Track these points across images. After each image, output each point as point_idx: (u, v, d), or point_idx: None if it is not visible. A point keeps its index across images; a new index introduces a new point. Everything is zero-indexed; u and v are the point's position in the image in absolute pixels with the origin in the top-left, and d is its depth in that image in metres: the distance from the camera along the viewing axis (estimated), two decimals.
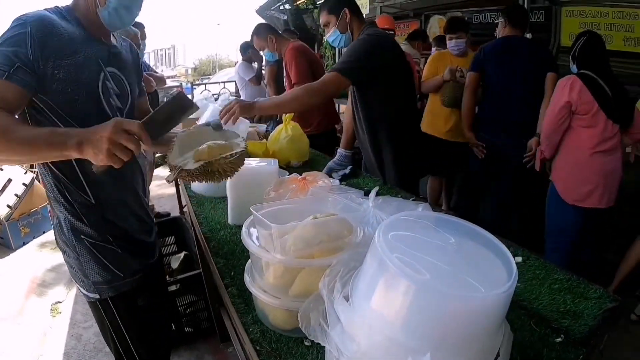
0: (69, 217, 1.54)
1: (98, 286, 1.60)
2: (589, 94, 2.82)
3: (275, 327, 1.20)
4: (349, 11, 2.60)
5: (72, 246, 1.56)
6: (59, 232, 1.59)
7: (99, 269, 1.58)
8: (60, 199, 1.53)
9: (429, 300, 0.74)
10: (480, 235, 0.92)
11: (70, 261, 1.61)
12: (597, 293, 1.38)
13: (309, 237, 1.08)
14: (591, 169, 2.91)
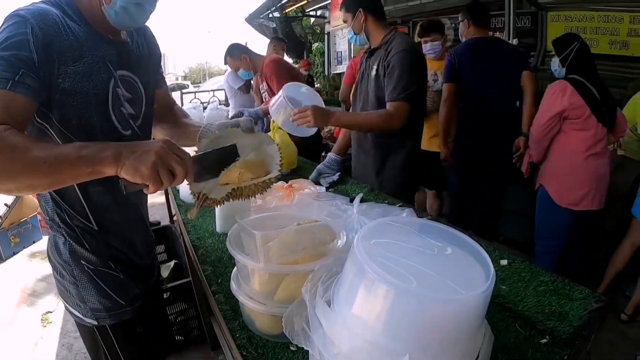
0: (70, 240, 1.39)
1: (96, 313, 1.44)
2: (580, 99, 2.82)
3: (261, 332, 1.21)
4: (364, 12, 2.54)
5: (70, 270, 1.41)
6: (55, 253, 1.43)
7: (99, 296, 1.43)
8: (59, 224, 1.38)
9: (408, 303, 0.76)
10: (461, 240, 0.93)
11: (64, 283, 1.45)
12: (582, 294, 1.40)
13: (292, 244, 1.09)
14: (585, 172, 2.92)
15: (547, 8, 5.52)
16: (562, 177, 3.00)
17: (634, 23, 4.89)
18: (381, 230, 0.93)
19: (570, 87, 2.84)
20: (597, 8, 5.13)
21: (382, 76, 2.46)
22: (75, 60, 1.21)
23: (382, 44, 2.53)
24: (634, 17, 4.86)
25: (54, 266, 1.47)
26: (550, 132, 2.96)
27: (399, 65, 2.35)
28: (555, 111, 2.87)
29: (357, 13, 2.55)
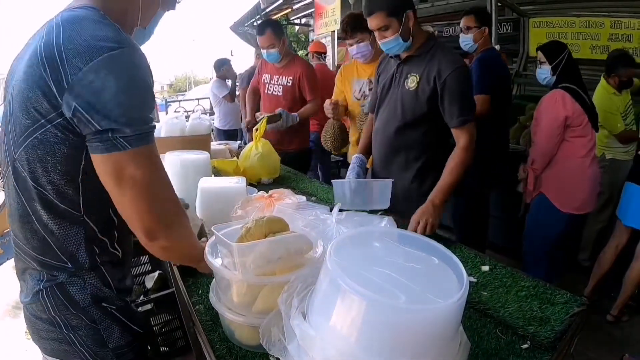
0: (93, 283, 1.20)
1: (118, 351, 1.28)
2: (579, 107, 2.82)
3: (241, 343, 1.20)
4: (412, 14, 2.19)
5: (89, 318, 1.21)
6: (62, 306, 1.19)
7: (122, 332, 1.28)
8: (84, 266, 1.18)
9: (379, 313, 0.76)
10: (437, 250, 0.94)
11: (70, 337, 1.22)
12: (564, 298, 1.41)
13: (268, 254, 1.08)
14: (585, 176, 2.93)
15: (528, 14, 5.60)
16: (565, 183, 2.96)
17: (615, 28, 4.98)
18: (356, 240, 0.94)
19: (568, 95, 2.83)
20: (578, 14, 5.21)
21: (426, 91, 2.20)
22: None
23: (421, 52, 2.25)
24: (615, 22, 4.94)
25: (50, 322, 1.21)
26: (558, 140, 2.90)
27: (459, 87, 2.13)
28: (561, 119, 2.83)
29: (404, 16, 2.15)
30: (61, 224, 1.11)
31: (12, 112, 1.04)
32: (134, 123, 0.98)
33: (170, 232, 1.11)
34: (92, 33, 0.97)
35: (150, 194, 1.04)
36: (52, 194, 1.06)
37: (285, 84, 3.85)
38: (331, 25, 5.19)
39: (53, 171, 1.04)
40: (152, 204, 1.05)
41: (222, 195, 1.98)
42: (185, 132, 2.99)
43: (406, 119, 2.31)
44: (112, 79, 0.94)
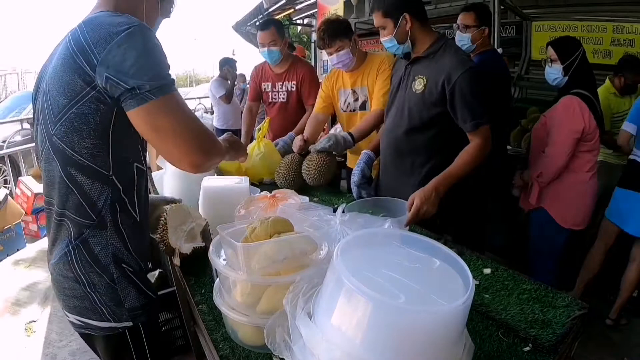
0: (113, 242, 1.36)
1: (133, 312, 1.41)
2: (593, 119, 2.65)
3: (244, 343, 1.21)
4: (410, 17, 2.15)
5: (109, 276, 1.36)
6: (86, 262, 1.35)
7: (137, 293, 1.41)
8: (108, 224, 1.34)
9: (386, 315, 0.76)
10: (441, 251, 0.94)
11: (92, 296, 1.37)
12: (565, 301, 1.41)
13: (273, 254, 1.09)
14: (587, 193, 2.86)
15: (531, 18, 5.60)
16: (568, 199, 2.84)
17: (617, 32, 4.98)
18: (362, 242, 0.94)
19: (585, 106, 2.64)
20: (581, 18, 5.21)
21: (434, 94, 2.16)
22: None
23: (429, 53, 2.21)
24: (617, 27, 4.95)
25: (75, 279, 1.37)
26: (571, 154, 2.72)
27: (470, 90, 2.08)
28: (579, 131, 2.65)
29: (400, 19, 2.15)
30: (92, 184, 1.29)
31: (49, 98, 1.25)
32: (154, 79, 1.18)
33: (210, 156, 1.32)
34: (109, 22, 1.20)
35: (185, 133, 1.24)
36: (86, 157, 1.26)
37: (290, 89, 3.73)
38: None
39: (87, 137, 1.24)
40: (189, 142, 1.24)
41: (225, 195, 1.98)
42: None
43: (412, 122, 2.28)
44: (132, 48, 1.16)
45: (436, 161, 2.26)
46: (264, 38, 3.55)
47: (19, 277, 4.41)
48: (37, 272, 4.41)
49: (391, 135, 2.41)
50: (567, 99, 2.71)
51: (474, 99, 2.09)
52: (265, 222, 1.22)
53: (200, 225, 1.76)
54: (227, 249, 1.17)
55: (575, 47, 2.75)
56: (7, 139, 6.45)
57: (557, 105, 2.78)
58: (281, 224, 1.25)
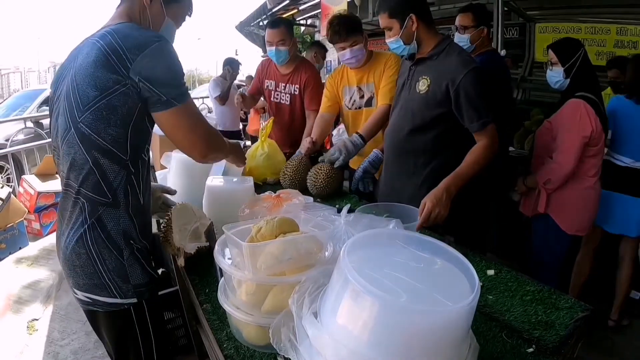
0: (124, 220, 1.55)
1: (138, 289, 1.58)
2: (600, 124, 2.58)
3: (248, 343, 1.21)
4: (416, 18, 2.15)
5: (118, 252, 1.53)
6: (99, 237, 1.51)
7: (142, 271, 1.59)
8: (120, 203, 1.53)
9: (392, 315, 0.76)
10: (446, 252, 0.95)
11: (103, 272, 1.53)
12: (568, 303, 1.41)
13: (278, 254, 1.09)
14: (592, 198, 2.80)
15: (535, 20, 5.60)
16: (573, 206, 2.76)
17: (621, 34, 4.97)
18: (368, 242, 0.94)
19: (591, 109, 2.56)
20: (585, 19, 5.21)
21: (437, 95, 2.17)
22: None
23: (433, 54, 2.23)
24: (621, 29, 4.94)
25: (88, 256, 1.52)
26: (579, 158, 2.63)
27: (474, 91, 2.09)
28: (588, 135, 2.56)
29: (406, 19, 2.16)
30: (111, 166, 1.49)
31: (77, 90, 1.42)
32: (177, 87, 1.48)
33: (214, 150, 1.67)
34: (139, 34, 1.44)
35: (197, 131, 1.55)
36: (109, 142, 1.45)
37: (293, 92, 3.64)
38: None
39: (114, 125, 1.44)
40: (200, 138, 1.56)
41: (229, 195, 1.99)
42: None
43: (416, 122, 2.28)
44: (160, 60, 1.43)
45: (438, 162, 2.28)
46: (272, 36, 3.43)
47: (22, 276, 4.41)
48: (39, 271, 4.40)
49: (394, 135, 2.42)
50: (573, 102, 2.63)
51: (479, 98, 2.09)
52: (271, 222, 1.22)
53: (204, 225, 1.77)
54: (233, 249, 1.17)
55: (576, 48, 2.69)
56: (10, 138, 6.45)
57: (562, 109, 2.70)
58: (287, 224, 1.25)
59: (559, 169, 2.67)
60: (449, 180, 2.03)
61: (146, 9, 1.62)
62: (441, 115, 2.20)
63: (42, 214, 5.35)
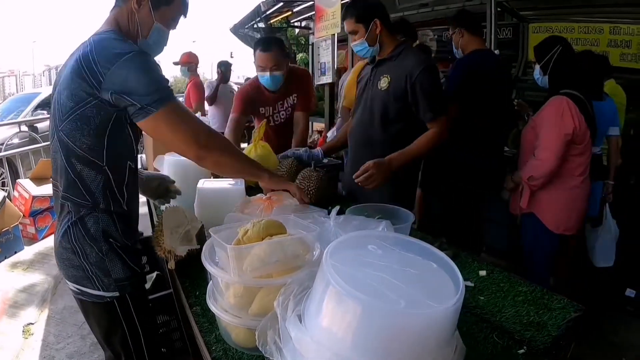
0: (104, 221, 1.60)
1: (119, 283, 1.63)
2: (584, 121, 2.60)
3: (237, 345, 1.20)
4: (379, 22, 2.42)
5: (98, 247, 1.59)
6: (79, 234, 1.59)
7: (123, 266, 1.62)
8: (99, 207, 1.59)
9: (375, 317, 0.76)
10: (432, 254, 0.95)
11: (85, 265, 1.60)
12: (560, 303, 1.41)
13: (264, 257, 1.09)
14: (579, 198, 2.80)
15: (528, 20, 5.61)
16: (559, 205, 2.79)
17: (614, 34, 4.98)
18: (352, 244, 0.94)
19: (574, 106, 2.60)
20: (578, 19, 5.22)
21: (397, 90, 2.40)
22: None
23: (392, 56, 2.48)
24: (614, 28, 4.96)
25: (72, 251, 1.60)
26: (563, 157, 2.65)
27: (429, 83, 2.34)
28: (570, 133, 2.58)
29: (371, 24, 2.42)
30: (88, 172, 1.55)
31: (60, 100, 1.49)
32: (151, 94, 1.45)
33: (208, 149, 1.59)
34: (113, 47, 1.47)
35: (183, 133, 1.54)
36: (85, 150, 1.51)
37: (293, 102, 3.43)
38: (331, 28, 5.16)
39: (88, 135, 1.49)
40: (188, 139, 1.55)
41: (220, 197, 1.99)
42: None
43: (379, 117, 2.51)
44: (132, 71, 1.43)
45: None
46: (265, 61, 3.13)
47: (17, 280, 4.40)
48: (34, 275, 4.40)
49: (358, 131, 2.67)
50: (555, 99, 2.68)
51: (433, 92, 2.35)
52: (257, 224, 1.22)
53: (195, 227, 1.77)
54: (219, 251, 1.17)
55: (551, 45, 2.81)
56: (5, 142, 6.45)
57: (545, 106, 2.75)
58: (274, 227, 1.25)
59: (541, 165, 2.69)
60: (394, 155, 2.32)
61: (135, 14, 1.64)
62: (402, 109, 2.43)
63: (37, 218, 5.34)
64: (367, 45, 2.47)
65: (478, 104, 3.07)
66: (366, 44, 2.46)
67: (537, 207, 2.84)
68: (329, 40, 5.62)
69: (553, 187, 2.76)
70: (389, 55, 2.49)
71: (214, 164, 1.68)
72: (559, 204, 2.79)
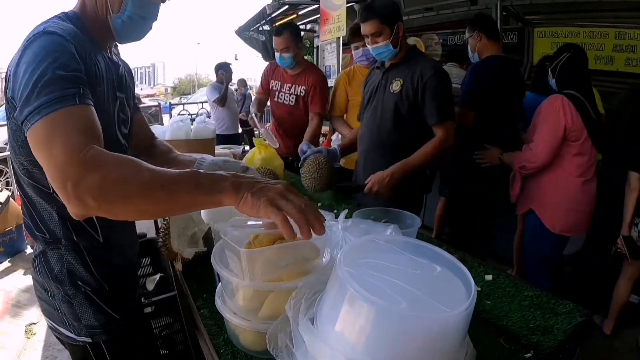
0: (68, 259, 1.32)
1: (91, 330, 1.38)
2: (579, 119, 2.67)
3: (245, 348, 1.20)
4: (402, 27, 2.49)
5: (63, 290, 1.33)
6: (44, 272, 1.34)
7: (95, 312, 1.36)
8: (61, 240, 1.30)
9: (388, 321, 0.76)
10: (443, 258, 0.95)
11: (54, 303, 1.36)
12: (566, 308, 1.41)
13: (276, 260, 1.09)
14: (578, 199, 2.81)
15: (533, 24, 5.61)
16: (556, 204, 2.84)
17: (619, 38, 4.98)
18: (364, 248, 0.95)
19: (569, 103, 2.68)
20: (583, 24, 5.22)
21: (410, 93, 2.44)
22: (98, 82, 1.22)
23: (404, 60, 2.53)
24: (619, 33, 4.95)
25: (41, 285, 1.37)
26: (555, 152, 2.76)
27: (439, 88, 2.38)
28: (562, 127, 2.68)
29: (395, 27, 2.45)
30: (39, 200, 1.26)
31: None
32: (31, 99, 1.00)
33: (109, 200, 0.94)
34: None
35: (57, 160, 0.95)
36: (24, 172, 1.23)
37: (299, 94, 3.74)
38: (336, 31, 5.17)
39: (20, 154, 1.20)
40: (64, 173, 0.94)
41: None
42: (190, 136, 3.00)
43: (391, 120, 2.53)
44: (20, 66, 1.05)
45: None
46: (277, 44, 3.58)
47: (19, 279, 4.42)
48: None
49: (369, 135, 2.68)
50: (552, 97, 2.78)
51: (441, 96, 2.38)
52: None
53: (202, 230, 1.77)
54: (230, 255, 1.17)
55: (562, 50, 2.87)
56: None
57: (542, 105, 2.84)
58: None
59: (533, 157, 2.81)
60: (396, 167, 2.37)
61: None
62: (414, 112, 2.46)
63: None
64: (391, 47, 2.48)
65: (492, 111, 3.12)
66: (391, 46, 2.47)
67: (535, 204, 2.93)
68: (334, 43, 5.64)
69: (548, 183, 2.86)
70: (401, 59, 2.54)
71: (106, 213, 0.98)
72: (554, 202, 2.85)
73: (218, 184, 0.98)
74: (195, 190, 0.96)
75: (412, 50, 2.56)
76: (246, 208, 0.97)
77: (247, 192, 0.96)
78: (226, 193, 0.97)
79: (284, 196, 0.96)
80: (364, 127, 2.75)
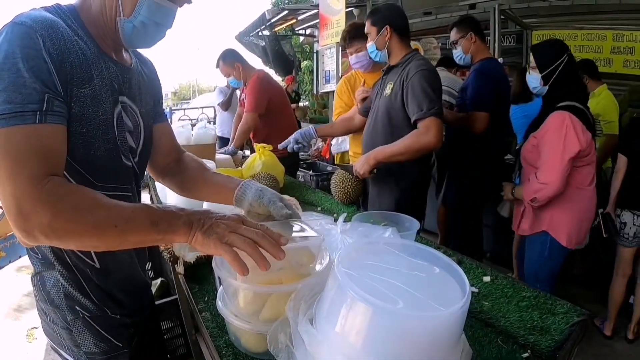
0: (64, 283, 1.21)
1: (92, 357, 1.29)
2: (589, 134, 2.41)
3: (247, 350, 1.22)
4: (391, 30, 2.52)
5: (62, 316, 1.24)
6: (42, 296, 1.25)
7: (95, 339, 1.27)
8: (53, 262, 1.20)
9: (386, 321, 0.78)
10: (439, 259, 0.97)
11: (54, 327, 1.28)
12: (564, 308, 1.42)
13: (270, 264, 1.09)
14: (588, 208, 2.65)
15: (531, 27, 5.63)
16: (570, 220, 2.57)
17: (617, 40, 5.00)
18: (362, 250, 0.96)
19: (578, 122, 2.38)
20: (581, 26, 5.24)
21: (398, 95, 2.46)
22: (84, 82, 1.08)
23: (399, 63, 2.55)
24: (617, 35, 4.97)
25: (40, 306, 1.29)
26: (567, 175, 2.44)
27: (419, 84, 2.34)
28: (575, 152, 2.38)
29: (382, 29, 2.53)
30: None
31: None
32: None
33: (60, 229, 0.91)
34: None
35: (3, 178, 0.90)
36: None
37: (243, 99, 4.27)
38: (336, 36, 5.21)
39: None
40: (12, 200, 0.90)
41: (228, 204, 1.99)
42: (191, 141, 3.02)
43: (384, 124, 2.57)
44: None
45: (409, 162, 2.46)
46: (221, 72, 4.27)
47: (21, 284, 4.43)
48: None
49: (369, 137, 2.71)
50: (557, 115, 2.44)
51: (424, 94, 2.33)
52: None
53: None
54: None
55: (557, 54, 2.51)
56: None
57: (546, 124, 2.51)
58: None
59: (545, 189, 2.48)
60: (374, 151, 2.44)
61: None
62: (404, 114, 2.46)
63: None
64: (375, 48, 2.60)
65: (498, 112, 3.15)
66: (374, 47, 2.59)
67: (548, 225, 2.62)
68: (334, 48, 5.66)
69: (565, 202, 2.55)
70: (397, 63, 2.57)
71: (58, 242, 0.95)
72: (573, 218, 2.58)
73: (171, 224, 0.96)
74: (148, 229, 0.95)
75: (410, 54, 2.54)
76: (197, 246, 0.97)
77: (198, 230, 0.96)
78: (179, 232, 0.96)
79: (235, 230, 0.96)
80: (364, 131, 2.79)
